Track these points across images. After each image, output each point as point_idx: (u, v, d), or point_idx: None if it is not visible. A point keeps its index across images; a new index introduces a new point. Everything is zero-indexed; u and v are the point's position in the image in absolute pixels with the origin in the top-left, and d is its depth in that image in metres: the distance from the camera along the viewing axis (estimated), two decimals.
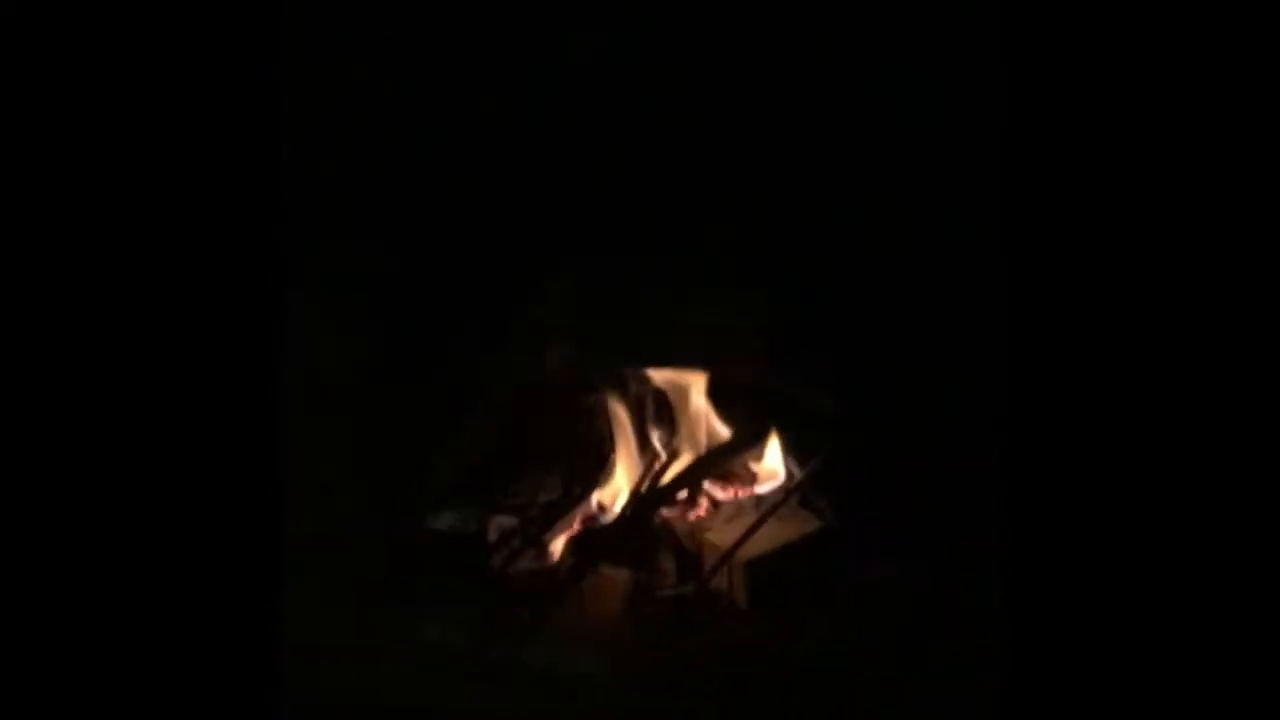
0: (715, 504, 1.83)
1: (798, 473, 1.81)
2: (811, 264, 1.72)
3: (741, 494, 1.84)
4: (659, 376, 1.85)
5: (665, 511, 1.81)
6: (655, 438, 1.88)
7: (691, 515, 1.81)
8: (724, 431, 1.86)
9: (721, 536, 1.72)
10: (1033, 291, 1.13)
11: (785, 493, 1.77)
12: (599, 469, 1.87)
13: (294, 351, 1.26)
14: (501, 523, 1.80)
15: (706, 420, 1.86)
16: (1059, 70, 1.12)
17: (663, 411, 1.88)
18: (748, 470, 1.86)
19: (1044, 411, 1.13)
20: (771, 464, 1.84)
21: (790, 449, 1.84)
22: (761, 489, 1.82)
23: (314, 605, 1.41)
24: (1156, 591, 1.09)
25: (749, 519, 1.73)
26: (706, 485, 1.85)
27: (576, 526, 1.81)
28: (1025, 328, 1.14)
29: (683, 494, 1.82)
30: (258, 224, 1.13)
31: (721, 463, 1.84)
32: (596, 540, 1.77)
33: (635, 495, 1.80)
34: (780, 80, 1.65)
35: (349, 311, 1.70)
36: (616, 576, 1.72)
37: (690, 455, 1.85)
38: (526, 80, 1.69)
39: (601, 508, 1.84)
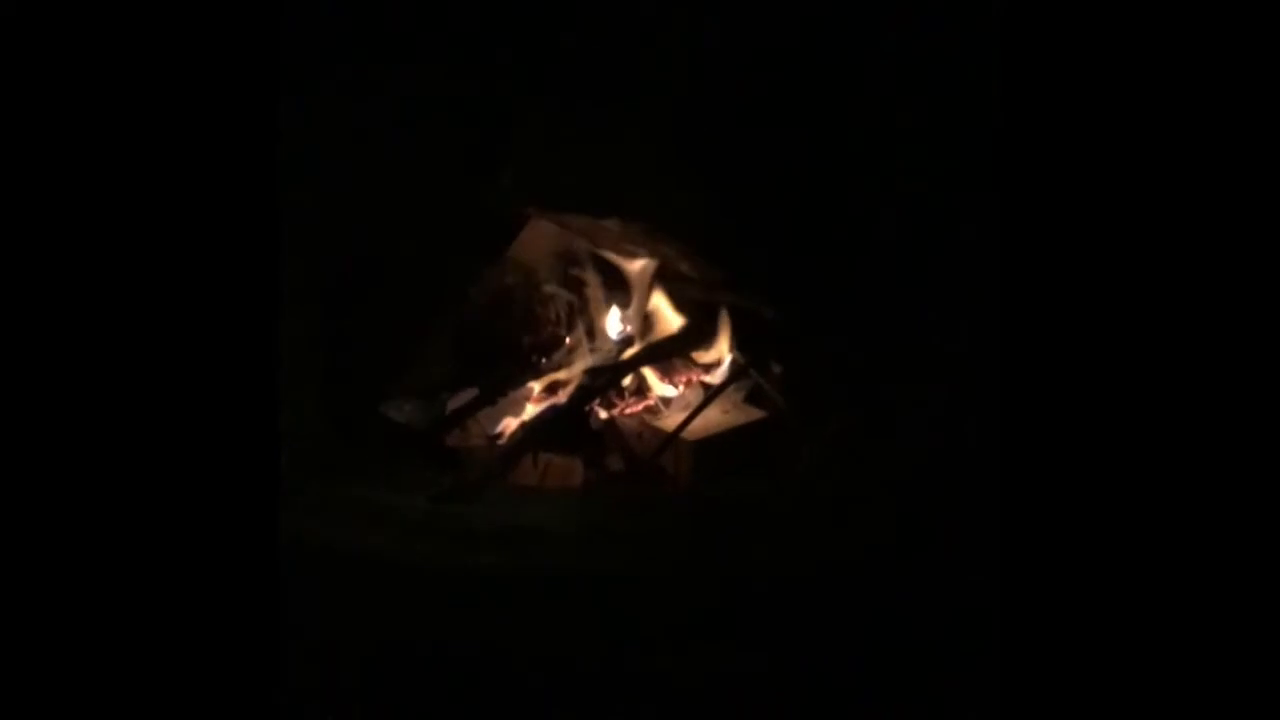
0: (665, 402, 1.92)
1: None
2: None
3: (687, 386, 1.92)
4: (620, 265, 1.92)
5: (615, 408, 1.89)
6: (610, 326, 1.95)
7: (639, 407, 1.90)
8: (676, 321, 1.93)
9: (668, 422, 1.81)
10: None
11: (732, 377, 1.86)
12: (555, 356, 1.94)
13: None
14: (458, 403, 1.87)
15: (660, 310, 1.93)
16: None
17: (619, 300, 1.96)
18: (695, 363, 1.95)
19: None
20: (719, 354, 1.91)
21: (737, 342, 1.91)
22: (708, 377, 1.90)
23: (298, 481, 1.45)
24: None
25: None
26: (655, 383, 1.93)
27: (530, 411, 1.88)
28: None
29: (629, 380, 1.90)
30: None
31: (671, 351, 1.91)
32: (545, 424, 1.82)
33: (585, 381, 1.87)
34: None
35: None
36: (570, 463, 1.79)
37: (643, 344, 1.92)
38: None
39: (553, 392, 1.90)
